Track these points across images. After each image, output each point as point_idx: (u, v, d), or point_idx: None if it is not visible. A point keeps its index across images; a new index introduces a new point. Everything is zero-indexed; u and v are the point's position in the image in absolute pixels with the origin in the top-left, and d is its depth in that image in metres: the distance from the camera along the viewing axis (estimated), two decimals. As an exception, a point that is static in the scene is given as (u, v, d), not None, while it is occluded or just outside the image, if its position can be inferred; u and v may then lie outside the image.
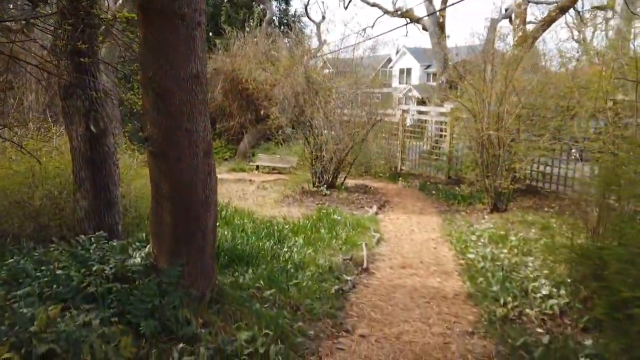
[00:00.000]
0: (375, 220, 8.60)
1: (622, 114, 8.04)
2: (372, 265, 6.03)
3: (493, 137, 8.94)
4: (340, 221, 7.96)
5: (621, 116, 8.14)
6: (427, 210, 9.71)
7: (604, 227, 4.20)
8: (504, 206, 9.15)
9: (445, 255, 6.61)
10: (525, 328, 4.15)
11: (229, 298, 4.17)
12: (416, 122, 14.14)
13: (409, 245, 7.06)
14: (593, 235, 4.27)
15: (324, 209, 8.88)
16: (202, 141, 3.75)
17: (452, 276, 5.73)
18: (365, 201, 10.51)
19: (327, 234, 7.17)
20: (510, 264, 5.88)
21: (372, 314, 4.52)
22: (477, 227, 7.80)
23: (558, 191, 10.25)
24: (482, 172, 9.34)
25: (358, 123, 11.26)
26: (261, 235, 6.56)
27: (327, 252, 6.22)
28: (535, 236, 7.11)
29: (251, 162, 15.97)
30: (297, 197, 10.94)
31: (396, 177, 13.16)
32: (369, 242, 6.93)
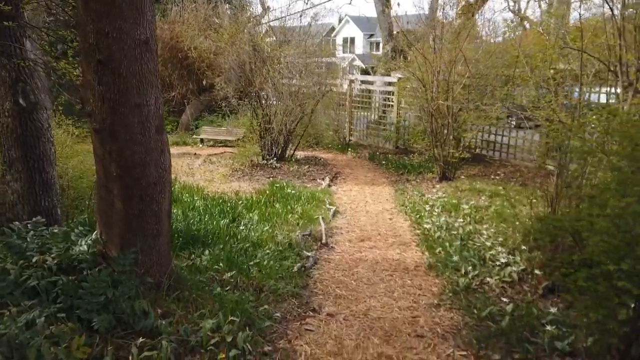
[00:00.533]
0: (329, 192, 8.48)
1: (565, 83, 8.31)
2: (331, 240, 5.91)
3: (442, 106, 8.98)
4: (295, 195, 7.77)
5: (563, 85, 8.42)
6: (378, 181, 9.72)
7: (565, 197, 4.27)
8: (452, 175, 9.31)
9: (401, 226, 6.61)
10: (488, 297, 4.20)
11: (188, 284, 3.91)
12: (363, 93, 14.03)
13: (365, 217, 7.01)
14: (552, 204, 4.35)
15: (277, 182, 8.64)
16: (154, 116, 3.39)
17: (410, 247, 5.73)
18: (316, 173, 10.35)
19: (283, 208, 6.97)
20: (465, 232, 5.96)
21: (337, 291, 4.41)
22: (429, 196, 7.88)
23: (502, 159, 10.58)
24: (431, 141, 9.42)
25: (307, 93, 10.97)
26: (214, 213, 6.25)
27: (284, 227, 6.03)
28: (486, 204, 7.28)
29: (195, 135, 15.31)
30: (246, 170, 10.61)
31: (345, 148, 13.08)
32: (325, 216, 6.81)
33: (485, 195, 7.81)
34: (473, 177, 9.30)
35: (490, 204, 7.19)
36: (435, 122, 9.19)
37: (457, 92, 8.97)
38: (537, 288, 4.31)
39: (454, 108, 8.95)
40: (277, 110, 10.70)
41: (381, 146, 12.81)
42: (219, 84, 11.09)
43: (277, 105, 10.84)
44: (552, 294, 4.23)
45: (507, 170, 9.79)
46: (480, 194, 7.92)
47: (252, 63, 10.69)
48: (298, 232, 5.88)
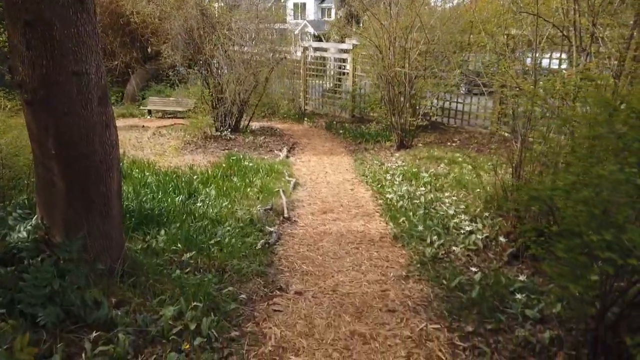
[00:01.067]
0: (288, 163, 8.24)
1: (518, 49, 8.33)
2: (293, 213, 5.72)
3: (399, 73, 8.84)
4: (253, 167, 7.48)
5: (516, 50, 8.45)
6: (337, 150, 9.55)
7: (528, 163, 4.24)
8: (410, 143, 9.27)
9: (363, 196, 6.50)
10: (455, 267, 4.16)
11: (144, 268, 3.61)
12: (317, 60, 13.67)
13: (326, 189, 6.84)
14: (516, 170, 4.32)
15: (233, 155, 8.29)
16: (96, 86, 3.00)
17: (374, 218, 5.63)
18: (273, 144, 10.05)
19: (241, 182, 6.68)
20: (427, 201, 5.93)
21: (303, 267, 4.24)
22: (389, 165, 7.80)
23: (457, 125, 10.65)
24: (389, 109, 9.30)
25: (260, 61, 10.52)
26: (168, 190, 5.88)
27: (244, 202, 5.77)
28: (445, 171, 7.28)
29: (142, 107, 14.52)
30: (199, 143, 10.15)
31: (301, 118, 12.79)
32: (285, 188, 6.58)
33: (444, 162, 7.82)
34: (430, 145, 9.30)
35: (449, 172, 7.19)
36: (392, 90, 9.05)
37: (413, 59, 8.84)
38: (502, 255, 4.32)
39: (412, 75, 8.83)
40: (229, 79, 10.21)
41: (338, 115, 12.61)
42: (165, 51, 10.42)
43: (229, 74, 10.34)
44: (517, 260, 4.25)
45: (463, 137, 9.86)
46: (439, 162, 7.93)
47: (200, 29, 10.08)
48: (259, 206, 5.64)
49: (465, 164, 7.50)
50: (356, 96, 12.24)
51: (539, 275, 3.96)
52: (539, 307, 3.33)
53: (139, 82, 15.85)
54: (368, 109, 11.45)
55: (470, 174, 6.92)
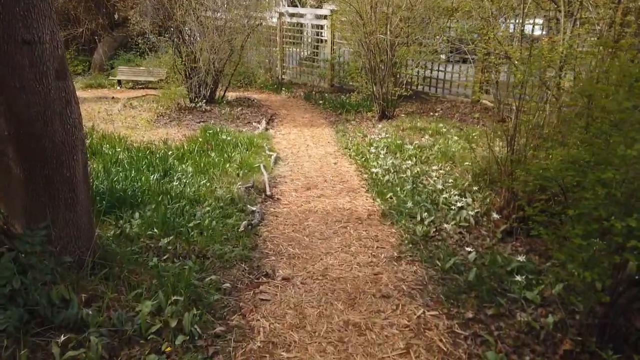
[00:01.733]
0: (267, 137, 7.88)
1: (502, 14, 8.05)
2: (275, 190, 5.42)
3: (381, 41, 8.46)
4: (231, 141, 7.10)
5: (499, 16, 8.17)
6: (317, 122, 9.21)
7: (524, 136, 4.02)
8: (392, 113, 8.99)
9: (347, 170, 6.23)
10: (448, 245, 3.98)
11: (118, 258, 3.29)
12: (294, 27, 13.10)
13: (309, 163, 6.55)
14: (510, 143, 4.10)
15: (209, 127, 7.86)
16: (51, 57, 2.60)
17: (360, 193, 5.39)
18: (251, 116, 9.63)
19: (219, 157, 6.31)
20: (414, 174, 5.71)
21: (289, 249, 3.99)
22: (372, 137, 7.53)
23: (438, 94, 10.40)
24: (370, 78, 8.96)
25: (235, 28, 9.95)
26: (142, 167, 5.49)
27: (223, 180, 5.43)
28: (429, 142, 7.05)
29: (111, 77, 13.76)
30: (173, 115, 9.65)
31: (279, 88, 12.32)
32: (266, 164, 6.26)
33: (428, 134, 7.59)
34: (412, 115, 9.05)
35: (433, 143, 6.97)
36: (374, 58, 8.69)
37: (395, 25, 8.46)
38: (495, 232, 4.15)
39: (394, 42, 8.46)
40: (202, 47, 9.65)
41: (316, 84, 12.19)
42: (133, 17, 9.74)
43: (202, 42, 9.77)
44: (510, 237, 4.09)
45: (445, 107, 9.64)
46: (423, 133, 7.69)
47: (170, -7, 9.43)
48: (239, 184, 5.32)
49: (449, 135, 7.29)
50: (335, 65, 11.82)
51: (534, 253, 3.81)
52: (539, 288, 3.17)
53: (106, 50, 14.98)
54: (348, 78, 11.06)
55: (455, 145, 6.72)
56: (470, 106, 9.45)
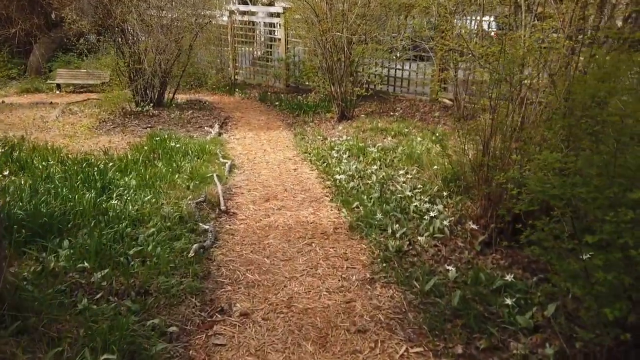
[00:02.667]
0: (221, 142, 7.26)
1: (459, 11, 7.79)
2: (231, 204, 4.85)
3: (337, 38, 8.01)
4: (180, 149, 6.44)
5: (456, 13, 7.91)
6: (274, 124, 8.66)
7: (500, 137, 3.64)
8: (351, 114, 8.57)
9: (308, 177, 5.74)
10: (424, 261, 3.56)
11: (36, 304, 2.66)
12: (246, 25, 12.46)
13: (267, 170, 6.00)
14: (486, 146, 3.73)
15: (156, 134, 7.15)
16: None
17: (324, 203, 4.90)
18: (203, 120, 8.96)
19: (167, 167, 5.66)
20: (380, 180, 5.29)
21: (248, 275, 3.45)
22: (333, 140, 7.07)
23: (396, 93, 10.08)
24: (327, 78, 8.50)
25: (182, 27, 9.23)
26: (77, 183, 4.78)
27: (171, 194, 4.81)
28: (392, 144, 6.66)
29: (49, 80, 12.64)
30: (117, 120, 8.83)
31: (232, 89, 11.65)
32: (220, 173, 5.67)
33: (390, 135, 7.21)
34: (372, 115, 8.66)
35: (397, 145, 6.58)
36: (330, 57, 8.23)
37: (351, 22, 8.03)
38: (473, 243, 3.77)
39: (351, 39, 8.03)
40: (147, 47, 8.88)
41: (271, 85, 11.61)
42: (69, 16, 8.82)
43: (147, 42, 9.00)
44: (489, 248, 3.72)
45: (404, 106, 9.32)
46: (384, 134, 7.31)
47: (109, -11, 8.60)
48: (190, 198, 4.72)
49: (412, 136, 6.93)
50: (290, 64, 11.29)
51: (517, 266, 3.45)
52: (531, 311, 2.80)
53: (43, 52, 13.78)
54: (304, 78, 10.57)
55: (420, 146, 6.36)
56: (430, 105, 9.17)
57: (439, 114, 8.44)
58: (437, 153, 5.97)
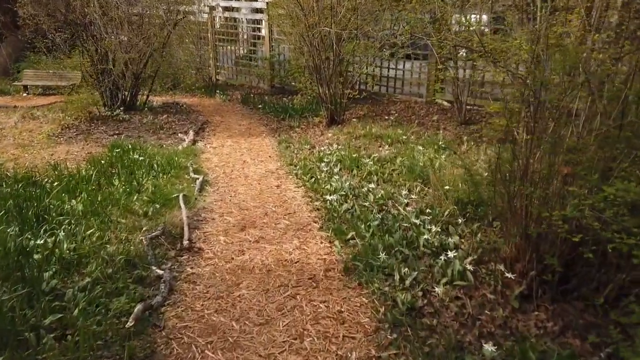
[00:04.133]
0: (194, 152, 6.22)
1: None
2: (197, 234, 3.84)
3: (326, 33, 7.00)
4: (144, 162, 5.40)
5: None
6: (256, 130, 7.63)
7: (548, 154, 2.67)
8: (341, 118, 7.58)
9: (293, 196, 4.74)
10: (447, 325, 2.59)
11: None
12: (228, 22, 11.40)
13: (245, 187, 4.99)
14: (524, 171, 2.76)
15: (119, 144, 6.08)
16: None
17: (311, 232, 3.91)
18: (178, 125, 7.90)
19: (125, 186, 4.63)
20: (378, 200, 4.32)
21: (207, 354, 2.45)
22: (322, 149, 6.07)
23: (389, 94, 9.11)
24: (315, 79, 7.50)
25: (155, 23, 8.15)
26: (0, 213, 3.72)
27: (124, 223, 3.78)
28: (390, 154, 5.68)
29: (17, 82, 11.45)
30: (83, 127, 7.75)
31: (212, 90, 10.57)
32: (189, 192, 4.65)
33: (386, 142, 6.23)
34: (364, 119, 7.68)
35: (395, 155, 5.61)
36: (318, 55, 7.22)
37: (341, 16, 7.02)
38: (507, 296, 2.81)
39: (342, 36, 7.03)
40: (115, 46, 7.79)
41: (255, 86, 10.56)
42: (24, 10, 7.69)
43: (115, 39, 7.90)
44: (528, 302, 2.77)
45: (399, 108, 8.35)
46: (380, 141, 6.33)
47: (70, -20, 7.49)
48: (145, 229, 3.70)
49: (412, 144, 5.96)
50: (275, 63, 10.25)
51: (572, 333, 2.50)
52: None
53: (11, 52, 12.56)
54: (290, 78, 9.55)
55: (421, 157, 5.39)
56: (426, 107, 8.22)
57: (438, 118, 7.48)
58: (442, 165, 5.03)
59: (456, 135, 6.48)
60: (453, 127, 6.95)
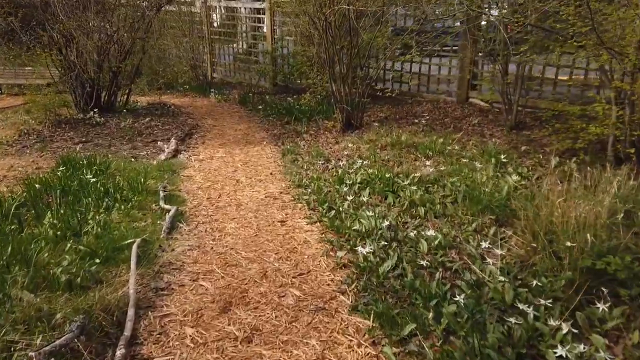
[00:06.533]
0: (173, 167, 4.57)
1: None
2: (148, 325, 2.18)
3: (341, 15, 5.34)
4: (100, 185, 3.74)
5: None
6: (254, 136, 5.97)
7: None
8: (359, 121, 5.92)
9: (306, 239, 3.08)
10: None
11: None
12: (225, 12, 9.72)
13: (236, 224, 3.33)
14: None
15: (70, 159, 4.40)
16: None
17: (339, 318, 2.25)
18: (161, 130, 6.25)
19: (58, 226, 2.98)
20: (434, 249, 2.68)
21: None
22: (341, 164, 4.42)
23: (412, 93, 7.43)
24: (328, 73, 5.83)
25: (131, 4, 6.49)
26: None
27: (20, 307, 2.13)
28: (432, 171, 4.01)
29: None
30: (46, 132, 6.11)
31: (207, 89, 8.88)
32: (153, 233, 3.00)
33: (422, 154, 4.57)
34: (387, 122, 6.02)
35: (441, 174, 3.94)
36: (332, 45, 5.55)
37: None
38: None
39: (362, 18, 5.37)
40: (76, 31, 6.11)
41: (255, 84, 8.87)
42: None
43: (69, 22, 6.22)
44: None
45: (426, 109, 6.68)
46: (414, 153, 4.66)
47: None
48: (59, 317, 2.05)
49: (460, 158, 4.29)
50: (277, 58, 8.57)
51: None
52: None
53: (-13, 47, 10.86)
54: (295, 75, 7.90)
55: (480, 176, 3.73)
56: (460, 108, 6.55)
57: (479, 121, 5.81)
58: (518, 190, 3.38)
59: (510, 144, 4.82)
60: (502, 132, 5.29)
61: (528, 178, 3.80)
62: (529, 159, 4.34)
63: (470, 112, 6.30)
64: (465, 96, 6.79)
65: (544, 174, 3.92)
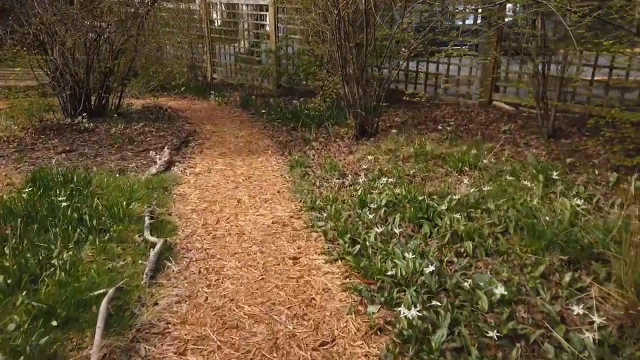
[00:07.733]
0: (164, 184, 3.86)
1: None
2: None
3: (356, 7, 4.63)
4: (73, 210, 3.04)
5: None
6: (258, 144, 5.27)
7: None
8: (374, 127, 5.20)
9: (326, 285, 2.38)
10: None
11: None
12: (226, 9, 9.01)
13: (237, 262, 2.63)
14: None
15: (43, 176, 3.69)
16: None
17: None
18: (154, 137, 5.55)
19: (7, 274, 2.28)
20: (496, 305, 1.98)
21: None
22: (360, 181, 3.71)
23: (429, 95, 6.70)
24: (340, 74, 5.12)
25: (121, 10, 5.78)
26: None
27: None
28: (471, 191, 3.30)
29: (-20, 82, 9.09)
30: (28, 139, 5.42)
31: (206, 91, 8.16)
32: (132, 278, 2.30)
33: (454, 168, 3.86)
34: (406, 128, 5.31)
35: (482, 194, 3.23)
36: (346, 42, 4.84)
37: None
38: None
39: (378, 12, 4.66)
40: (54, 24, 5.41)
41: (257, 85, 8.13)
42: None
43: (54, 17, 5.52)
44: None
45: (445, 112, 5.98)
46: (444, 166, 3.95)
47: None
48: None
49: (509, 176, 3.57)
50: (282, 57, 7.85)
51: None
52: None
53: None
54: (301, 76, 7.19)
55: (530, 198, 3.03)
56: (484, 112, 5.84)
57: (509, 127, 5.10)
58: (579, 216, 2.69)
59: (551, 155, 4.12)
60: (538, 141, 4.58)
61: (587, 200, 3.10)
62: (577, 174, 3.64)
63: (496, 117, 5.60)
64: (488, 99, 6.08)
65: (603, 193, 3.23)
